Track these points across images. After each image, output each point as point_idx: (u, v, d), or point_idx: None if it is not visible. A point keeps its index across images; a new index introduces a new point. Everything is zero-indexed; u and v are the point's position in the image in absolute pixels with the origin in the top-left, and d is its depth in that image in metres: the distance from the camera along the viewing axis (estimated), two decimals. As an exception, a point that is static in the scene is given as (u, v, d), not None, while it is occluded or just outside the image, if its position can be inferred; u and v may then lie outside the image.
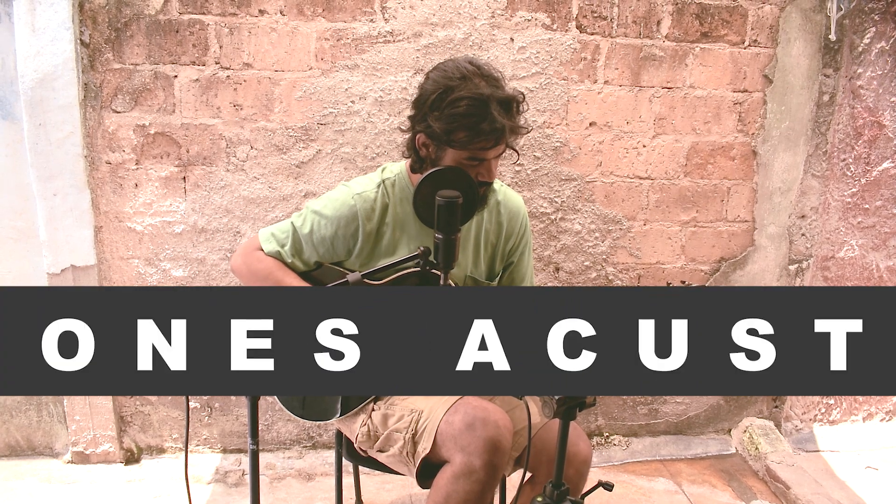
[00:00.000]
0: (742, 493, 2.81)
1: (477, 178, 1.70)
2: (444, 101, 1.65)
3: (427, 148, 1.74)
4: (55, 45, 2.34)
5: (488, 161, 1.71)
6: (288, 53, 2.48)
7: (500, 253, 1.98)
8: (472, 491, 1.64)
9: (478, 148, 1.67)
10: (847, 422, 3.27)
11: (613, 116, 2.70)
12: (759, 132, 2.81)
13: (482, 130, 1.64)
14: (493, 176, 1.73)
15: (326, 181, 2.60)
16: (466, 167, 1.69)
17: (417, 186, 1.56)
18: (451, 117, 1.64)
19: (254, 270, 1.85)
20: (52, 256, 2.54)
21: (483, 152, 1.68)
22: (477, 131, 1.64)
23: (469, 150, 1.67)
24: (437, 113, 1.66)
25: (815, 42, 2.74)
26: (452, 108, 1.64)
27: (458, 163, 1.69)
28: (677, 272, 2.93)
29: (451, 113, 1.64)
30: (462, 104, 1.63)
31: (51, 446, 2.82)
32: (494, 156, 1.71)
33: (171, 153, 2.53)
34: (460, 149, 1.67)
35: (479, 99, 1.63)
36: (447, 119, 1.65)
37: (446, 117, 1.65)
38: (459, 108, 1.63)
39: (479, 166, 1.70)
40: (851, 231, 2.99)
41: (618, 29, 2.62)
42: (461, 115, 1.63)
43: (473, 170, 1.70)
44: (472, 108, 1.63)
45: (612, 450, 3.05)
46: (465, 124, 1.64)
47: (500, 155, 1.73)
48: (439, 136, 1.67)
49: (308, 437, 2.90)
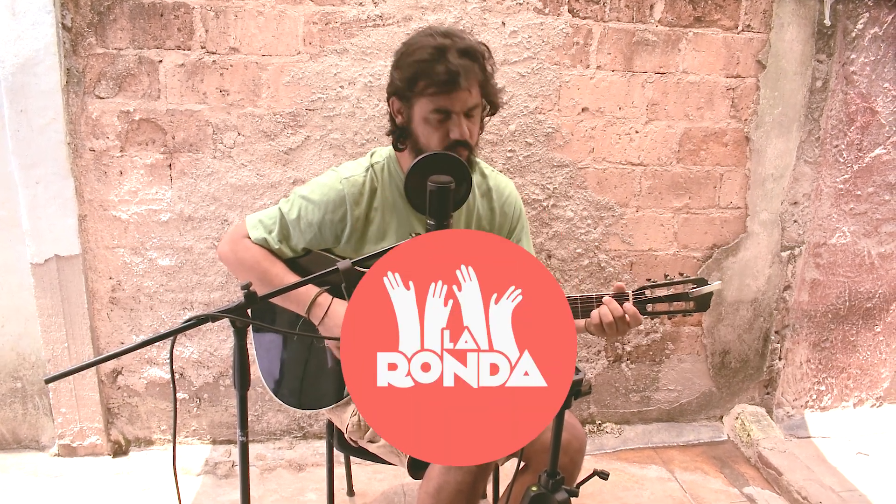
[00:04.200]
0: (734, 479, 2.81)
1: (449, 136, 1.67)
2: (405, 55, 1.68)
3: (401, 113, 1.73)
4: (36, 30, 2.29)
5: (457, 116, 1.66)
6: (275, 37, 2.43)
7: None
8: (465, 481, 1.63)
9: (438, 94, 1.64)
10: (838, 408, 3.27)
11: (606, 102, 2.68)
12: (751, 118, 2.79)
13: (438, 73, 1.62)
14: (464, 133, 1.67)
15: (315, 168, 2.56)
16: (436, 125, 1.67)
17: (408, 172, 1.52)
18: (410, 65, 1.66)
19: (241, 259, 1.81)
20: (36, 246, 2.49)
21: (445, 99, 1.64)
22: (434, 76, 1.63)
23: (431, 99, 1.65)
24: (399, 68, 1.69)
25: (809, 27, 2.72)
26: (412, 57, 1.66)
27: (425, 119, 1.67)
28: (669, 259, 2.91)
29: (410, 62, 1.66)
30: (421, 52, 1.65)
31: (37, 439, 2.78)
32: (461, 107, 1.66)
33: (157, 140, 2.48)
34: (422, 97, 1.66)
35: (437, 47, 1.65)
36: (407, 68, 1.67)
37: (406, 67, 1.67)
38: (417, 55, 1.66)
39: (448, 121, 1.66)
40: (843, 217, 2.98)
41: (610, 13, 2.58)
42: (418, 60, 1.65)
43: (443, 127, 1.67)
44: (429, 55, 1.64)
45: (605, 437, 3.04)
46: (422, 70, 1.64)
47: (470, 109, 1.68)
48: (404, 89, 1.68)
49: (298, 427, 2.87)
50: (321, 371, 1.90)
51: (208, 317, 1.32)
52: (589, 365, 3.00)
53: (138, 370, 2.72)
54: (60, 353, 2.61)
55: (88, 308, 2.59)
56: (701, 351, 3.07)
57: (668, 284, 1.71)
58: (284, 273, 1.80)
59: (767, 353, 3.12)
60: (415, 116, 1.70)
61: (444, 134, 1.67)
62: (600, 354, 3.00)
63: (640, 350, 3.03)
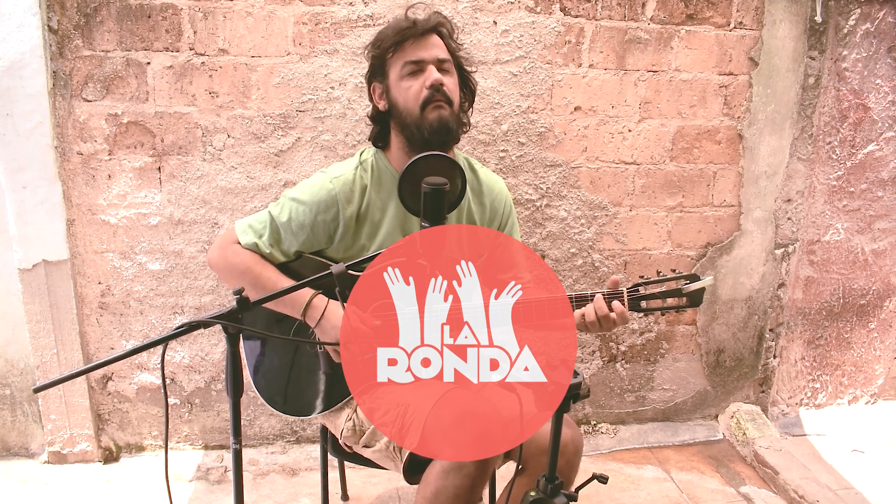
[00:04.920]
0: (731, 479, 2.80)
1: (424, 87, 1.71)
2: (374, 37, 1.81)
3: (382, 96, 1.79)
4: (22, 32, 2.25)
5: (428, 65, 1.72)
6: (265, 38, 2.40)
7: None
8: (463, 486, 1.61)
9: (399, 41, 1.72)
10: (833, 405, 3.27)
11: (598, 101, 2.66)
12: (744, 115, 2.78)
13: (402, 27, 1.72)
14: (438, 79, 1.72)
15: (306, 169, 2.54)
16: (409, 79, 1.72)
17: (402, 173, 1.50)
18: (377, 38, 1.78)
19: (231, 265, 1.79)
20: (23, 251, 2.45)
21: (412, 48, 1.72)
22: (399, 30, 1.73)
23: (400, 53, 1.73)
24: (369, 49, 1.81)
25: (801, 24, 2.71)
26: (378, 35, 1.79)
27: (399, 77, 1.73)
28: (664, 258, 2.90)
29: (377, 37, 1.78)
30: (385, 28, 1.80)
31: (26, 447, 2.74)
32: (430, 56, 1.73)
33: (145, 143, 2.45)
34: (393, 56, 1.74)
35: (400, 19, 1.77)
36: (375, 41, 1.78)
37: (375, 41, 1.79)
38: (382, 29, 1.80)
39: (421, 73, 1.72)
40: (837, 214, 2.98)
41: (602, 11, 2.57)
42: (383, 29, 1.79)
43: (417, 79, 1.72)
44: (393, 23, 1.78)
45: (600, 438, 3.02)
46: (387, 32, 1.76)
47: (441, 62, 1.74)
48: (376, 62, 1.78)
49: (292, 431, 2.85)
50: (314, 376, 1.88)
51: (200, 323, 1.30)
52: (584, 365, 2.99)
53: (129, 376, 2.69)
54: (49, 360, 2.58)
55: (77, 313, 2.55)
56: (696, 350, 3.07)
57: (661, 281, 1.70)
58: (277, 277, 1.77)
59: (762, 352, 3.11)
60: (391, 85, 1.75)
61: (420, 85, 1.72)
62: (595, 354, 2.99)
63: (634, 349, 3.02)
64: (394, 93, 1.75)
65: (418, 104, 1.71)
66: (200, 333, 2.66)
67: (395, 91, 1.74)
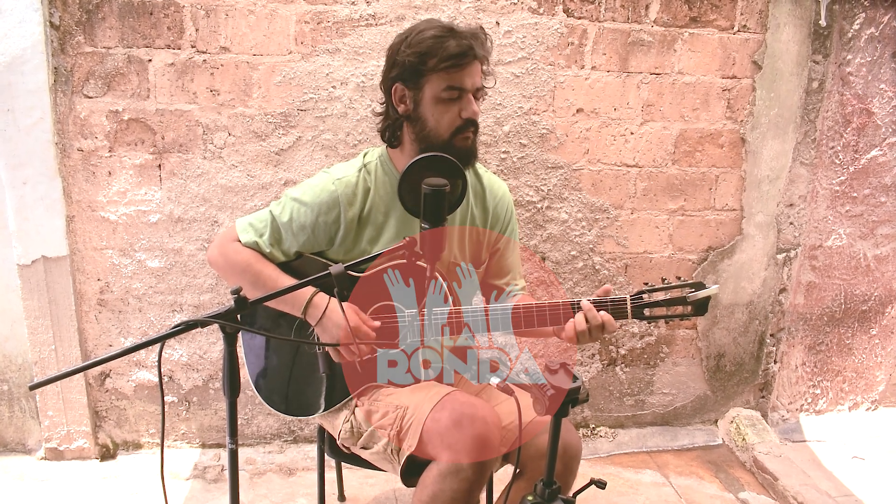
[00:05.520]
0: (730, 484, 2.79)
1: (461, 115, 1.69)
2: (411, 37, 1.68)
3: (405, 100, 1.72)
4: (23, 28, 2.24)
5: (468, 95, 1.69)
6: (266, 37, 2.40)
7: (486, 240, 1.93)
8: (460, 490, 1.60)
9: (451, 66, 1.65)
10: (833, 411, 3.26)
11: (601, 103, 2.65)
12: (747, 119, 2.77)
13: (450, 46, 1.64)
14: (476, 111, 1.70)
15: (307, 169, 2.53)
16: (448, 105, 1.68)
17: (402, 174, 1.48)
18: (420, 43, 1.66)
19: (231, 263, 1.78)
20: (23, 247, 2.45)
21: (458, 74, 1.66)
22: (446, 48, 1.64)
23: (444, 74, 1.66)
24: (406, 49, 1.68)
25: (805, 28, 2.70)
26: (420, 37, 1.67)
27: (437, 99, 1.68)
28: (665, 261, 2.89)
29: (419, 40, 1.67)
30: (428, 32, 1.67)
31: (23, 443, 2.74)
32: (472, 84, 1.69)
33: (146, 140, 2.44)
34: (435, 72, 1.66)
35: (443, 26, 1.68)
36: (416, 46, 1.66)
37: (415, 45, 1.67)
38: (427, 35, 1.67)
39: (459, 100, 1.68)
40: (839, 220, 2.96)
41: (605, 13, 2.56)
42: (429, 37, 1.66)
43: (454, 106, 1.68)
44: (438, 31, 1.67)
45: (599, 441, 3.01)
46: (435, 45, 1.65)
47: (478, 90, 1.72)
48: (412, 68, 1.67)
49: (289, 431, 2.84)
50: (312, 376, 1.87)
51: (197, 322, 1.29)
52: (583, 368, 2.98)
53: (126, 373, 2.68)
54: (48, 356, 2.57)
55: (76, 310, 2.55)
56: (696, 354, 3.06)
57: (665, 289, 1.69)
58: (278, 275, 1.76)
59: (763, 357, 3.10)
60: (424, 98, 1.69)
61: (456, 114, 1.69)
62: (594, 358, 2.98)
63: (634, 353, 3.01)
64: (425, 110, 1.70)
65: (450, 131, 1.70)
66: (199, 332, 2.65)
67: (428, 110, 1.69)
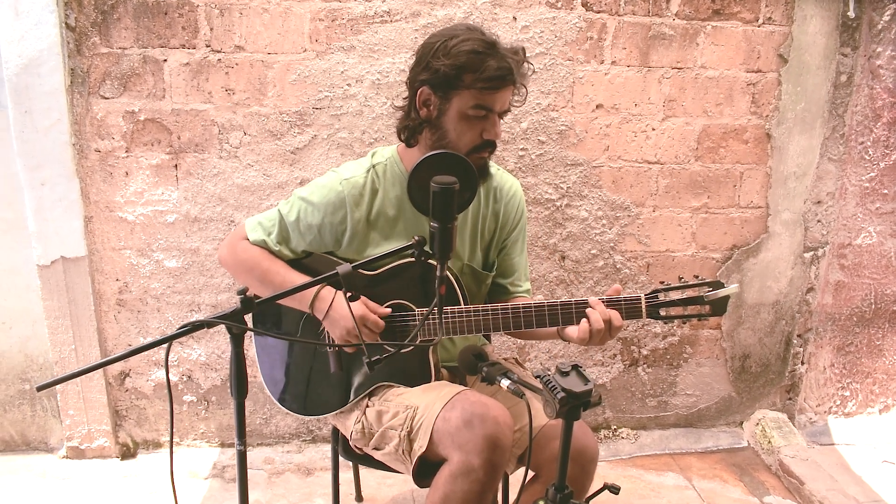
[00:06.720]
0: (754, 488, 2.72)
1: (482, 135, 1.65)
2: (450, 45, 1.61)
3: (429, 106, 1.67)
4: (39, 29, 2.26)
5: (494, 115, 1.65)
6: (281, 35, 2.39)
7: (496, 240, 1.90)
8: (472, 491, 1.57)
9: (487, 87, 1.60)
10: (863, 414, 3.17)
11: (621, 98, 2.60)
12: (773, 114, 2.70)
13: (490, 67, 1.58)
14: (498, 133, 1.67)
15: (322, 167, 2.51)
16: (472, 123, 1.64)
17: (412, 171, 1.45)
18: (459, 54, 1.59)
19: (239, 261, 1.77)
20: (42, 248, 2.47)
21: (491, 95, 1.62)
22: (485, 69, 1.58)
23: (477, 93, 1.61)
24: (442, 56, 1.61)
25: (833, 20, 2.63)
26: (459, 47, 1.60)
27: (463, 115, 1.63)
28: (688, 260, 2.83)
29: (458, 51, 1.59)
30: (468, 44, 1.60)
31: (45, 441, 2.77)
32: (501, 107, 1.65)
33: (162, 140, 2.45)
34: (468, 89, 1.61)
35: (485, 41, 1.62)
36: (454, 57, 1.59)
37: (453, 55, 1.60)
38: (466, 46, 1.59)
39: (484, 120, 1.64)
40: (869, 217, 2.88)
41: (625, 6, 2.51)
42: (469, 51, 1.59)
43: (479, 125, 1.65)
44: (479, 46, 1.60)
45: (620, 443, 2.96)
46: (473, 61, 1.59)
47: (504, 111, 1.68)
48: (445, 79, 1.61)
49: (307, 430, 2.83)
50: (324, 376, 1.85)
51: (204, 323, 1.28)
52: (604, 369, 2.93)
53: (146, 372, 2.69)
54: (68, 355, 2.59)
55: (95, 310, 2.56)
56: (720, 355, 2.99)
57: (682, 287, 1.64)
58: (286, 271, 1.76)
59: (789, 358, 3.03)
60: (450, 110, 1.65)
61: (478, 133, 1.66)
62: (616, 358, 2.93)
63: (657, 354, 2.95)
64: (448, 121, 1.66)
65: (468, 148, 1.66)
66: (216, 331, 2.65)
67: (451, 122, 1.66)
